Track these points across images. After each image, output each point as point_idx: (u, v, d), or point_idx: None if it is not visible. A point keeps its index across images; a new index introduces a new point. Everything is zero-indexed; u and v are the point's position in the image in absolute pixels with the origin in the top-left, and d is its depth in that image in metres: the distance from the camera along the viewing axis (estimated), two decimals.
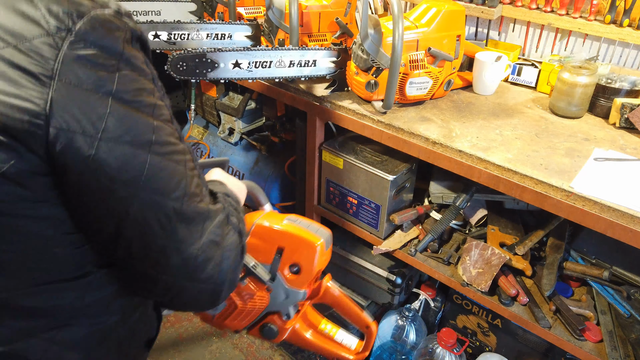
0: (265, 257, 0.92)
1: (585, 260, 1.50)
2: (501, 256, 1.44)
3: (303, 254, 0.91)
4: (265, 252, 0.92)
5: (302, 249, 0.90)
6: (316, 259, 0.90)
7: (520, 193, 1.23)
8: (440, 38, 1.48)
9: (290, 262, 0.91)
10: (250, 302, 0.93)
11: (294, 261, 0.91)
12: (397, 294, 1.75)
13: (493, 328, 1.74)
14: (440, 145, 1.34)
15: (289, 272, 0.92)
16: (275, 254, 0.92)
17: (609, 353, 1.29)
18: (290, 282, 0.92)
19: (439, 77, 1.49)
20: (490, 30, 1.88)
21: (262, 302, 0.93)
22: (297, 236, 0.90)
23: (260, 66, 1.44)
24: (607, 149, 1.32)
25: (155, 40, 1.55)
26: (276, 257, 0.91)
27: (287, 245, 0.91)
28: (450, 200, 1.62)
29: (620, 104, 1.41)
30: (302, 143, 1.73)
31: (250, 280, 0.92)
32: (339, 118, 1.54)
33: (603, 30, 1.58)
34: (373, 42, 1.38)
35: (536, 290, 1.47)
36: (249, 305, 0.93)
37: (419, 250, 1.60)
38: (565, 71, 1.46)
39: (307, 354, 2.07)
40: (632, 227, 1.08)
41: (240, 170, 2.12)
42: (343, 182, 1.67)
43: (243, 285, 0.92)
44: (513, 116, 1.50)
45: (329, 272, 1.06)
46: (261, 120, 2.08)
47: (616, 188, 1.15)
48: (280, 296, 0.93)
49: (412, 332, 1.79)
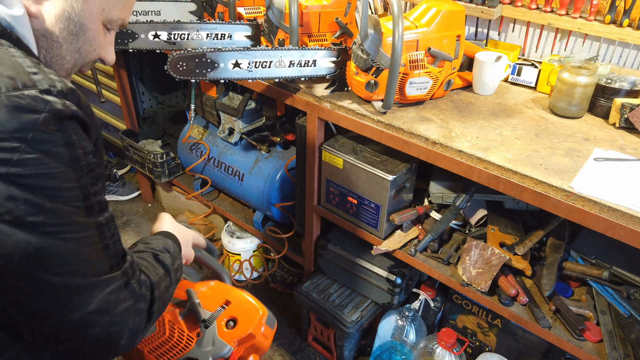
0: (210, 307, 1.00)
1: (585, 260, 1.50)
2: (501, 256, 1.44)
3: (245, 311, 0.99)
4: (211, 301, 1.00)
5: (246, 308, 0.99)
6: (254, 321, 0.98)
7: (520, 193, 1.23)
8: (440, 38, 1.48)
9: (230, 316, 0.99)
10: (178, 337, 0.97)
11: (234, 316, 0.98)
12: (397, 294, 1.75)
13: (493, 328, 1.74)
14: (440, 145, 1.34)
15: (224, 324, 0.98)
16: (221, 306, 1.00)
17: (608, 353, 1.29)
18: (221, 334, 0.97)
19: (438, 77, 1.49)
20: (490, 30, 1.88)
21: (188, 344, 0.97)
22: (247, 297, 1.01)
23: (260, 66, 1.44)
24: (606, 149, 1.32)
25: (155, 40, 1.55)
26: (220, 309, 1.00)
27: (234, 301, 1.01)
28: (450, 200, 1.62)
29: (620, 104, 1.41)
30: (302, 143, 1.73)
31: (187, 320, 0.99)
32: (338, 118, 1.54)
33: (603, 31, 1.58)
34: (373, 42, 1.38)
35: (536, 290, 1.47)
36: (175, 339, 0.97)
37: (418, 250, 1.60)
38: (565, 71, 1.46)
39: (307, 353, 2.07)
40: (632, 227, 1.08)
41: (240, 170, 2.13)
42: (343, 182, 1.67)
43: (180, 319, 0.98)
44: (513, 116, 1.50)
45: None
46: (261, 120, 2.07)
47: (616, 188, 1.15)
48: (207, 344, 0.97)
49: (411, 332, 1.79)
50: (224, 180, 2.23)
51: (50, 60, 0.74)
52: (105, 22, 0.78)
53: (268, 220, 2.22)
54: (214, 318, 0.99)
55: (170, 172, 2.50)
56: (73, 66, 0.78)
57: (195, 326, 0.99)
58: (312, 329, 2.04)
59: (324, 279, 1.97)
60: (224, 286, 1.07)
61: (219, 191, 2.44)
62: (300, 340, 2.14)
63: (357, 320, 1.82)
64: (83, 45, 0.76)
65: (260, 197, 2.07)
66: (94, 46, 0.78)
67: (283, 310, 2.28)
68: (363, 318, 1.84)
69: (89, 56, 0.79)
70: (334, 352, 1.97)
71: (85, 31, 0.75)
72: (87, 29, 0.75)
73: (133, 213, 2.90)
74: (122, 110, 2.65)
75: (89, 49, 0.78)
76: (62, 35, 0.73)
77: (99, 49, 0.80)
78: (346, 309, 1.84)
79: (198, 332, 0.98)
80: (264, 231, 2.19)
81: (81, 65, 0.80)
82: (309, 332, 2.06)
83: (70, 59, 0.76)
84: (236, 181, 2.16)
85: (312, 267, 2.03)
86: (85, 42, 0.76)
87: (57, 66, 0.76)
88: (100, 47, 0.80)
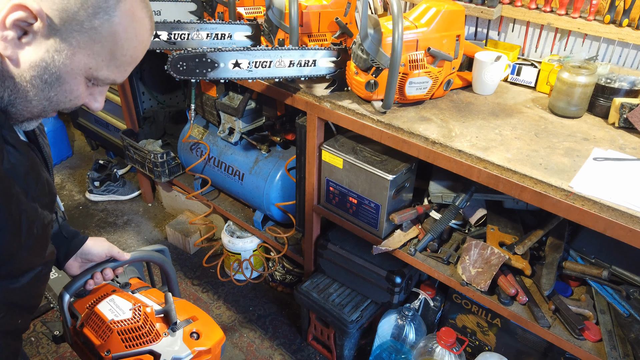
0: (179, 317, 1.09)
1: (585, 259, 1.50)
2: (500, 256, 1.45)
3: (209, 330, 1.10)
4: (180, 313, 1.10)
5: (210, 327, 1.11)
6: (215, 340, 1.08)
7: (520, 193, 1.23)
8: (440, 38, 1.48)
9: (195, 329, 1.09)
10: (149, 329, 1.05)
11: (198, 330, 1.08)
12: (397, 294, 1.76)
13: (492, 327, 1.74)
14: (439, 145, 1.35)
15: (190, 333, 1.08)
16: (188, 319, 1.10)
17: (608, 352, 1.29)
18: (185, 340, 1.06)
19: (438, 77, 1.50)
20: (490, 30, 1.88)
21: (155, 338, 1.05)
22: (212, 320, 1.14)
23: (260, 66, 1.45)
24: (606, 149, 1.33)
25: (155, 40, 1.55)
26: (188, 320, 1.10)
27: (200, 319, 1.12)
28: (450, 200, 1.62)
29: (620, 103, 1.41)
30: (302, 143, 1.73)
31: (159, 319, 1.08)
32: (338, 118, 1.54)
33: (602, 30, 1.58)
34: (373, 42, 1.38)
35: (535, 290, 1.47)
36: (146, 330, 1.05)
37: (418, 250, 1.60)
38: (564, 71, 1.46)
39: (307, 353, 2.08)
40: (631, 226, 1.08)
41: (241, 170, 2.13)
42: (343, 181, 1.67)
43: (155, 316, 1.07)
44: (512, 116, 1.50)
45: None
46: (261, 120, 2.08)
47: (615, 188, 1.15)
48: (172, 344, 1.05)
49: (411, 332, 1.79)
50: (224, 180, 2.23)
51: (15, 101, 0.72)
52: (91, 78, 0.75)
53: (268, 219, 2.23)
54: (182, 325, 1.08)
55: (171, 171, 2.51)
56: (41, 111, 0.75)
57: (165, 326, 1.07)
58: (312, 329, 2.04)
59: (324, 279, 1.98)
60: (191, 305, 1.17)
61: (219, 191, 2.44)
62: (300, 339, 2.14)
63: (357, 320, 1.82)
64: (56, 95, 0.73)
65: (260, 196, 2.07)
66: (69, 97, 0.75)
67: (283, 309, 2.29)
68: (363, 317, 1.84)
69: (62, 105, 0.76)
70: (333, 352, 1.97)
71: (61, 84, 0.72)
72: (64, 81, 0.72)
73: (133, 213, 2.91)
74: (123, 110, 2.66)
75: (62, 99, 0.74)
76: (32, 82, 0.70)
77: (78, 100, 0.76)
78: (346, 309, 1.84)
79: (166, 331, 1.06)
80: (264, 231, 2.19)
81: (50, 112, 0.76)
82: (309, 331, 2.07)
83: (38, 104, 0.73)
84: (236, 181, 2.16)
85: (312, 266, 2.03)
86: (59, 93, 0.73)
87: (21, 107, 0.73)
88: (78, 98, 0.76)
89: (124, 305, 1.09)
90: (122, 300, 1.10)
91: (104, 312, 1.07)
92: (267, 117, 2.01)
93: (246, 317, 2.24)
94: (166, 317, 1.08)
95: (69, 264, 1.12)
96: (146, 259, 1.23)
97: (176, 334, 1.06)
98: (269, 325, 2.21)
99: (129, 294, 1.15)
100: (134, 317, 1.06)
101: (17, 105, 0.72)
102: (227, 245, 2.33)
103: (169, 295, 1.10)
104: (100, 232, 2.75)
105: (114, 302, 1.10)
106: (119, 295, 1.12)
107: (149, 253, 1.24)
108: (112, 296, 1.12)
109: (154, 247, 1.28)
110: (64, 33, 0.69)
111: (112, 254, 1.16)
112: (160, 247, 1.29)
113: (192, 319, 1.12)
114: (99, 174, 2.94)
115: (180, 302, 1.16)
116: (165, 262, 1.26)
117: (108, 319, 1.05)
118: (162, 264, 1.26)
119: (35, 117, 0.77)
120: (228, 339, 2.14)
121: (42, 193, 0.81)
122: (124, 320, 1.05)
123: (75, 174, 3.25)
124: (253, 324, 2.21)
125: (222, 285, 2.41)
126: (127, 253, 1.19)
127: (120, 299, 1.11)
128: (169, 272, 1.28)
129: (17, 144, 0.74)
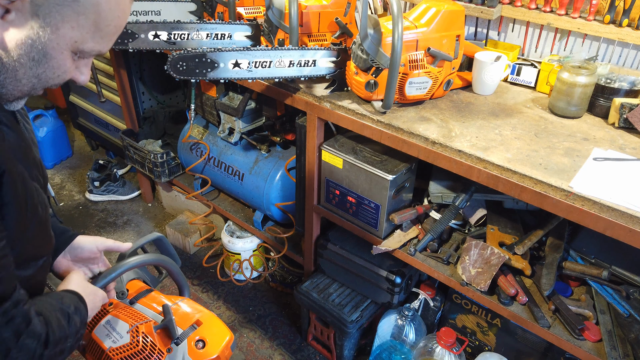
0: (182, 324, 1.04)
1: (585, 259, 1.50)
2: (500, 256, 1.45)
3: (214, 334, 1.03)
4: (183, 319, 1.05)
5: (215, 331, 1.04)
6: (222, 345, 1.02)
7: (520, 193, 1.23)
8: (440, 38, 1.48)
9: (200, 337, 1.03)
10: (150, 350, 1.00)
11: (203, 337, 1.03)
12: (397, 294, 1.76)
13: (492, 327, 1.74)
14: (439, 145, 1.35)
15: (194, 343, 1.03)
16: (192, 325, 1.05)
17: (608, 352, 1.29)
18: (191, 352, 1.01)
19: (438, 77, 1.50)
20: (490, 30, 1.88)
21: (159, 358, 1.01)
22: (218, 320, 1.06)
23: (260, 66, 1.45)
24: (606, 149, 1.33)
25: (155, 40, 1.55)
26: (191, 328, 1.04)
27: (205, 322, 1.06)
28: (450, 200, 1.62)
29: (620, 103, 1.41)
30: (302, 143, 1.73)
31: (160, 334, 1.02)
32: (338, 118, 1.54)
33: (602, 30, 1.58)
34: (373, 42, 1.38)
35: (535, 290, 1.47)
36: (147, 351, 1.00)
37: (418, 250, 1.60)
38: (564, 71, 1.46)
39: (306, 353, 2.08)
40: (631, 226, 1.08)
41: (240, 170, 2.13)
42: (343, 181, 1.67)
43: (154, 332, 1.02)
44: (512, 116, 1.50)
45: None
46: (261, 120, 2.08)
47: (615, 188, 1.15)
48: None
49: (411, 332, 1.79)
50: (224, 180, 2.23)
51: (4, 81, 0.72)
52: (77, 52, 0.75)
53: (268, 219, 2.23)
54: (185, 336, 1.02)
55: (170, 171, 2.51)
56: (31, 89, 0.76)
57: (167, 341, 1.02)
58: (312, 329, 2.04)
59: (323, 279, 1.98)
60: (195, 305, 1.10)
61: (219, 191, 2.44)
62: (300, 339, 2.14)
63: (357, 320, 1.82)
64: (44, 72, 0.74)
65: (260, 196, 2.07)
66: (57, 73, 0.76)
67: (283, 309, 2.29)
68: (363, 317, 1.84)
69: (50, 82, 0.76)
70: (333, 352, 1.97)
71: (49, 60, 0.73)
72: (51, 57, 0.73)
73: (133, 213, 2.91)
74: (122, 110, 2.66)
75: (51, 76, 0.75)
76: (19, 61, 0.71)
77: (65, 74, 0.77)
78: (346, 309, 1.84)
79: (169, 347, 1.01)
80: (264, 231, 2.19)
81: (40, 89, 0.77)
82: (309, 331, 2.07)
83: (27, 82, 0.74)
84: (236, 181, 2.16)
85: (312, 266, 2.03)
86: (47, 69, 0.74)
87: (11, 87, 0.73)
88: (66, 73, 0.77)
89: (121, 327, 1.04)
90: (119, 322, 1.05)
91: (101, 338, 1.03)
92: (267, 117, 2.01)
93: (246, 317, 2.24)
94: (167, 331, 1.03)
95: (58, 261, 1.07)
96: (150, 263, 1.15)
97: (180, 347, 1.01)
98: (269, 325, 2.21)
99: (127, 309, 1.09)
100: (133, 341, 1.01)
101: (7, 86, 0.73)
102: (227, 245, 2.33)
103: (167, 307, 1.05)
104: (100, 232, 2.75)
105: (110, 326, 1.05)
106: (115, 315, 1.06)
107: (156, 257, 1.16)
108: (108, 317, 1.06)
109: (150, 236, 1.20)
110: (47, 8, 0.69)
111: (107, 246, 1.11)
112: (157, 235, 1.22)
113: (197, 323, 1.06)
114: (99, 174, 2.94)
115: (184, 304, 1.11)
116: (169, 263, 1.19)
117: (106, 347, 1.01)
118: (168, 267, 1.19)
119: (24, 96, 0.77)
120: None
121: (39, 173, 0.82)
122: (123, 346, 1.00)
123: (75, 174, 3.25)
124: (253, 324, 2.21)
125: (222, 285, 2.41)
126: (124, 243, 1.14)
127: (117, 320, 1.05)
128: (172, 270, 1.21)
129: (10, 124, 0.75)
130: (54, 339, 0.79)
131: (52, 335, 0.79)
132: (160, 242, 1.25)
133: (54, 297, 0.87)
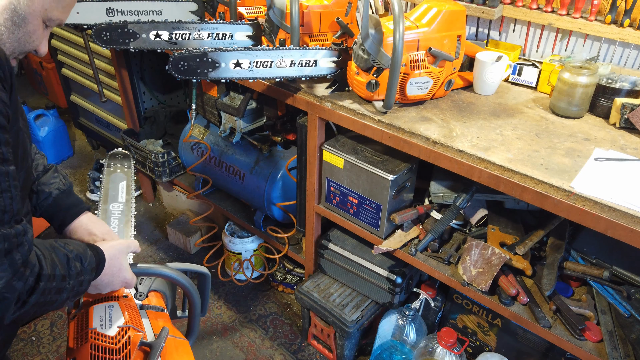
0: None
1: (586, 260, 1.50)
2: (501, 256, 1.44)
3: None
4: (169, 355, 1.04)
5: None
6: None
7: (521, 193, 1.23)
8: (441, 38, 1.48)
9: None
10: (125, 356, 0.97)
11: None
12: (398, 294, 1.76)
13: (493, 328, 1.74)
14: (440, 145, 1.35)
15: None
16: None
17: (609, 353, 1.29)
18: None
19: (439, 77, 1.50)
20: (491, 30, 1.88)
21: None
22: None
23: (261, 66, 1.45)
24: (607, 149, 1.32)
25: (156, 40, 1.55)
26: None
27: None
28: (451, 200, 1.62)
29: (621, 104, 1.41)
30: (303, 143, 1.73)
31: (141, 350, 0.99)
32: (339, 118, 1.54)
33: (604, 31, 1.58)
34: (374, 42, 1.38)
35: (536, 290, 1.47)
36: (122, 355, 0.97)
37: (419, 250, 1.60)
38: (565, 71, 1.46)
39: (307, 353, 2.08)
40: (632, 227, 1.08)
41: (241, 170, 2.13)
42: (343, 181, 1.67)
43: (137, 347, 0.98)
44: (513, 116, 1.50)
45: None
46: (262, 120, 2.08)
47: (616, 188, 1.15)
48: None
49: (412, 332, 1.79)
50: (225, 180, 2.23)
51: None
52: (45, 19, 0.87)
53: (269, 219, 2.23)
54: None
55: (171, 171, 2.51)
56: (11, 53, 0.86)
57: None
58: (313, 328, 2.04)
59: (324, 279, 1.98)
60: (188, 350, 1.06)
61: (219, 191, 2.44)
62: (300, 339, 2.14)
63: (358, 320, 1.82)
64: (23, 36, 0.85)
65: (261, 196, 2.07)
66: (33, 38, 0.87)
67: (284, 309, 2.29)
68: (363, 317, 1.84)
69: (27, 46, 0.87)
70: (334, 352, 1.97)
71: (26, 24, 0.84)
72: (28, 22, 0.84)
73: None
74: (123, 109, 2.66)
75: (27, 40, 0.86)
76: (5, 25, 0.82)
77: (37, 41, 0.88)
78: (347, 309, 1.84)
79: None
80: (264, 231, 2.20)
81: (18, 54, 0.88)
82: (310, 331, 2.07)
83: (10, 46, 0.84)
84: (237, 181, 2.16)
85: (312, 266, 2.03)
86: (25, 34, 0.85)
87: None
88: (38, 39, 0.88)
89: (115, 319, 1.00)
90: (119, 314, 1.01)
91: (94, 315, 1.00)
92: (268, 117, 2.02)
93: (247, 317, 2.24)
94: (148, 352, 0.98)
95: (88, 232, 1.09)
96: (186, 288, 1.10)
97: None
98: (270, 325, 2.21)
99: (134, 309, 1.05)
100: (116, 338, 0.96)
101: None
102: (227, 245, 2.33)
103: (165, 330, 1.01)
104: None
105: (110, 311, 1.01)
106: (122, 305, 1.03)
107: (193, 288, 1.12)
108: (114, 303, 1.03)
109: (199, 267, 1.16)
110: None
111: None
112: (206, 271, 1.18)
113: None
114: (100, 173, 2.94)
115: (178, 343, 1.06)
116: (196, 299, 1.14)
117: (92, 326, 0.98)
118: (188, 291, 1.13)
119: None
120: (229, 338, 2.14)
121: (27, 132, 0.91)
122: (105, 336, 0.96)
123: (76, 174, 3.25)
124: (254, 323, 2.22)
125: (223, 285, 2.41)
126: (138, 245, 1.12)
127: (118, 312, 1.02)
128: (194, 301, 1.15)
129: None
130: (47, 274, 0.80)
131: (45, 270, 0.80)
132: (203, 279, 1.22)
133: (58, 241, 0.90)
